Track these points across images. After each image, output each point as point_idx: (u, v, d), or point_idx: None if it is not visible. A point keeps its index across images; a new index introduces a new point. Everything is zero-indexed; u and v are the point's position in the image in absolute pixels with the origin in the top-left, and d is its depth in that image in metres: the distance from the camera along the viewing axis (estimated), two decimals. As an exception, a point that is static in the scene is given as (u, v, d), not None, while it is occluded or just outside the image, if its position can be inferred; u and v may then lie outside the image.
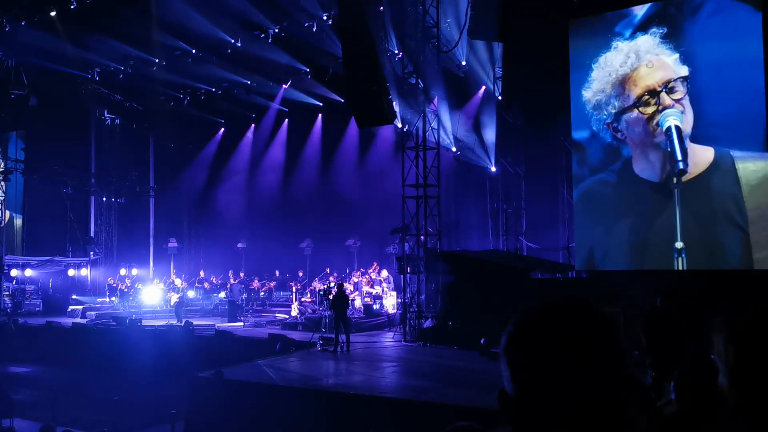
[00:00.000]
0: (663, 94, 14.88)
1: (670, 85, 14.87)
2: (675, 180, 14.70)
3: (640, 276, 14.17)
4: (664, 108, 14.87)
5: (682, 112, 14.74)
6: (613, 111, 15.69)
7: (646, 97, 15.09)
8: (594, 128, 16.13)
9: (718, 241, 14.25)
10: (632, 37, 15.39)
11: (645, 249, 15.20)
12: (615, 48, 15.61)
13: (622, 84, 15.50)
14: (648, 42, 15.16)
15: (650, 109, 15.07)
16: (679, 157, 14.57)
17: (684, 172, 14.54)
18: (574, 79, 16.48)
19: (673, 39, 14.93)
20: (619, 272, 15.04)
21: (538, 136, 18.64)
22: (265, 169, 26.72)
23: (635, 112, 15.33)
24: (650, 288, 11.22)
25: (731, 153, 14.14)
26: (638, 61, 15.23)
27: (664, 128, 14.79)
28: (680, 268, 14.48)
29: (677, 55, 14.82)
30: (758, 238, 13.71)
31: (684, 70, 14.73)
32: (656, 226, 15.00)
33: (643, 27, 15.26)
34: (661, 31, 15.00)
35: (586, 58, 16.27)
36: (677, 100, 14.82)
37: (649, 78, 15.11)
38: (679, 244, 14.51)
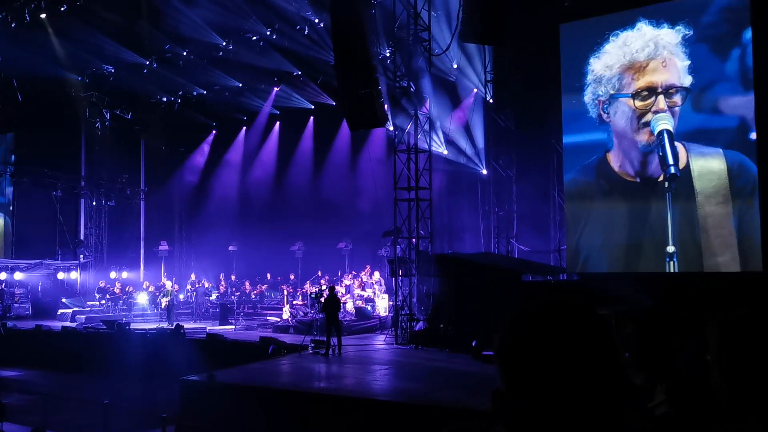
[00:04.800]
0: (660, 97, 14.81)
1: (672, 90, 14.75)
2: (667, 184, 14.76)
3: (631, 278, 14.25)
4: (657, 111, 14.87)
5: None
6: (612, 91, 15.58)
7: (645, 92, 15.04)
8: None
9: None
10: (659, 24, 15.08)
11: (638, 252, 15.28)
12: (638, 29, 15.26)
13: (630, 69, 15.30)
14: (671, 36, 14.82)
15: (644, 105, 15.06)
16: (671, 162, 14.61)
17: (676, 176, 14.59)
18: (565, 82, 16.54)
19: (689, 45, 14.68)
20: (610, 274, 15.12)
21: (529, 139, 18.71)
22: (257, 171, 26.66)
23: (630, 103, 15.32)
24: (641, 290, 11.31)
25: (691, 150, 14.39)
26: (656, 53, 14.95)
27: (656, 132, 14.81)
28: (672, 270, 14.58)
29: (688, 63, 14.61)
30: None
31: (688, 80, 14.58)
32: (647, 230, 15.08)
33: (672, 19, 14.91)
34: (687, 32, 14.68)
35: (577, 60, 16.33)
36: (671, 108, 14.79)
37: (656, 75, 14.93)
38: (670, 248, 14.58)
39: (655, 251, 14.85)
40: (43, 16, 19.58)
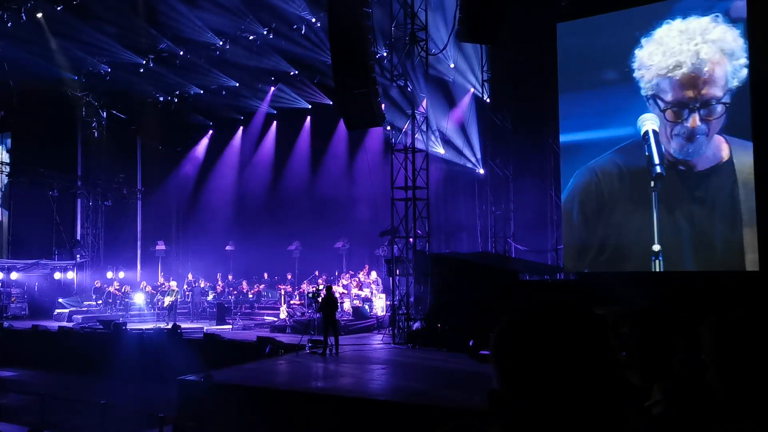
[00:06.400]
0: (695, 115, 14.09)
1: (711, 105, 14.04)
2: (653, 184, 14.81)
3: (628, 278, 14.28)
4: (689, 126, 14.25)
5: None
6: (651, 93, 14.96)
7: (676, 109, 14.52)
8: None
9: (710, 241, 14.40)
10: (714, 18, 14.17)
11: (635, 252, 15.33)
12: (685, 30, 14.40)
13: (672, 77, 14.61)
14: (727, 33, 13.94)
15: (676, 119, 14.51)
16: (656, 161, 14.68)
17: (661, 176, 14.65)
18: (562, 81, 16.57)
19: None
20: (607, 274, 15.15)
21: (526, 139, 18.73)
22: (254, 171, 26.64)
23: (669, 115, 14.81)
24: (639, 290, 11.33)
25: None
26: (702, 63, 14.12)
27: (642, 132, 14.83)
28: (657, 270, 14.66)
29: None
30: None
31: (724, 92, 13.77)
32: (646, 230, 15.12)
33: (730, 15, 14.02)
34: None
35: (573, 59, 16.35)
36: (707, 122, 14.04)
37: (693, 88, 14.20)
38: (656, 247, 14.65)
39: (653, 251, 14.86)
40: (39, 15, 19.53)
